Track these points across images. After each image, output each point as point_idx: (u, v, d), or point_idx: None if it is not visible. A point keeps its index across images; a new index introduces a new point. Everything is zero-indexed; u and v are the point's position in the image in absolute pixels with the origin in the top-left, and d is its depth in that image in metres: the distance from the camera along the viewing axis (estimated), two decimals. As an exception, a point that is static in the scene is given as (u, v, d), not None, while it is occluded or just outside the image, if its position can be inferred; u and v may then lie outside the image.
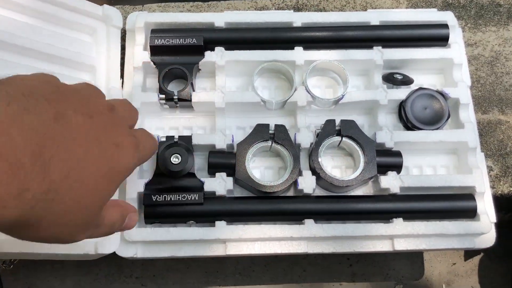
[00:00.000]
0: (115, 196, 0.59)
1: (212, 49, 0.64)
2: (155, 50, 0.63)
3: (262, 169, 0.63)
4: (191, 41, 0.63)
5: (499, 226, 0.60)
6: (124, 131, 0.37)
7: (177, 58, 0.64)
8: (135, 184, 0.58)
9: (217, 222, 0.57)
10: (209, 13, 0.66)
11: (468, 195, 0.60)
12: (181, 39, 0.63)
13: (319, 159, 0.60)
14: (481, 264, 0.86)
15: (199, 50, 0.64)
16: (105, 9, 0.66)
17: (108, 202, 0.35)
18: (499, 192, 0.65)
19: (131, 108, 0.44)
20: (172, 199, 0.56)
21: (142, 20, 0.65)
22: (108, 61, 0.65)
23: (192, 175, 0.58)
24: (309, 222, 0.57)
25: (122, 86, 0.65)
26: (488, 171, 0.66)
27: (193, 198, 0.56)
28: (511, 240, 0.67)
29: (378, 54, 0.65)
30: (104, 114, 0.35)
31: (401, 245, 0.58)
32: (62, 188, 0.28)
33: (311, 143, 0.61)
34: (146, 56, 0.63)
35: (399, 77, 0.65)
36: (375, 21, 0.66)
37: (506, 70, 0.71)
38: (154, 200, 0.56)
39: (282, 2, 0.73)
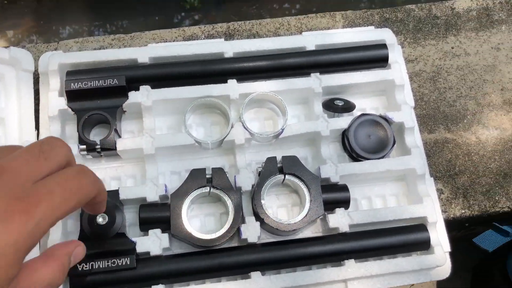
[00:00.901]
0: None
1: (137, 89, 0.58)
2: (72, 95, 0.57)
3: (202, 217, 0.58)
4: (112, 82, 0.57)
5: (453, 241, 0.58)
6: (5, 194, 0.30)
7: (98, 102, 0.58)
8: (58, 251, 0.51)
9: (153, 287, 0.51)
10: (131, 49, 0.60)
11: (421, 226, 0.57)
12: (100, 81, 0.57)
13: (262, 202, 0.55)
14: (438, 282, 0.84)
15: (122, 91, 0.58)
16: (13, 51, 0.59)
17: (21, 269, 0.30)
18: (451, 215, 0.63)
19: (44, 149, 0.34)
20: (101, 266, 0.50)
21: (55, 61, 0.58)
22: (19, 110, 0.58)
23: (122, 235, 0.52)
24: (255, 275, 0.53)
25: (37, 138, 0.58)
26: (438, 195, 0.63)
27: (124, 263, 0.50)
28: (466, 255, 0.64)
29: (316, 82, 0.61)
30: None
31: (356, 288, 0.54)
32: None
33: (253, 185, 0.56)
34: (62, 102, 0.57)
35: (340, 103, 0.62)
36: (310, 46, 0.62)
37: (449, 84, 0.69)
38: (80, 269, 0.50)
39: (212, 28, 0.68)
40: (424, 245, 0.56)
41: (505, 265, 0.64)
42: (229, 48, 0.61)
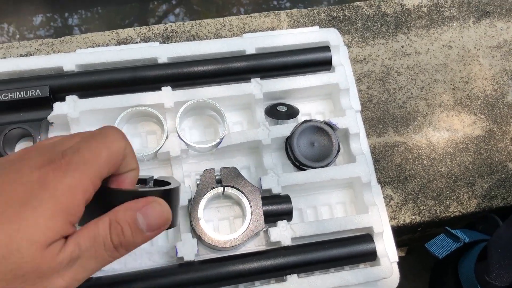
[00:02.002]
0: None
1: (63, 99, 0.54)
2: (-9, 108, 0.53)
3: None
4: (34, 93, 0.53)
5: (411, 241, 0.56)
6: None
7: (21, 115, 0.53)
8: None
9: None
10: (56, 55, 0.56)
11: (366, 236, 0.55)
12: (22, 92, 0.53)
13: (199, 217, 0.52)
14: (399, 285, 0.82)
15: (46, 102, 0.54)
16: None
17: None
18: (401, 222, 0.61)
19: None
20: None
21: (-28, 71, 0.54)
22: None
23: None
24: (191, 296, 0.50)
25: (-47, 156, 0.53)
26: (388, 201, 0.61)
27: None
28: (424, 255, 0.63)
29: (257, 87, 0.58)
30: None
31: (299, 305, 0.52)
32: None
33: (190, 199, 0.53)
34: (-20, 116, 0.53)
35: (283, 109, 0.59)
36: (251, 49, 0.59)
37: (399, 85, 0.67)
38: None
39: (148, 31, 0.64)
40: (371, 256, 0.54)
41: (457, 270, 0.62)
42: (162, 53, 0.58)
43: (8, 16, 1.33)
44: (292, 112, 0.59)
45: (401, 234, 0.67)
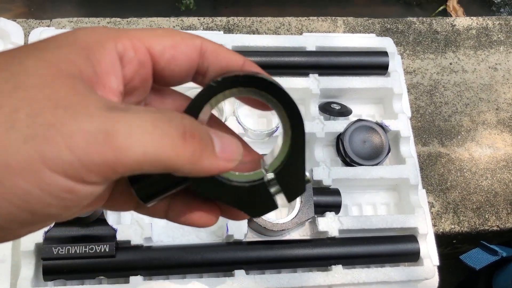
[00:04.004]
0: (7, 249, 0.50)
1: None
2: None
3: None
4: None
5: (439, 256, 0.57)
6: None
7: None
8: (33, 232, 0.48)
9: (131, 278, 0.48)
10: (127, 32, 0.58)
11: (411, 237, 0.56)
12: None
13: (251, 200, 0.53)
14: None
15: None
16: (2, 22, 0.57)
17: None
18: (441, 230, 0.62)
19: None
20: (78, 251, 0.47)
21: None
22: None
23: (103, 221, 0.50)
24: (239, 273, 0.51)
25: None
26: (429, 208, 0.62)
27: (103, 250, 0.48)
28: (451, 274, 0.63)
29: (315, 83, 0.60)
30: None
31: (341, 295, 0.52)
32: None
33: (242, 181, 0.54)
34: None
35: (337, 107, 0.61)
36: (311, 47, 0.61)
37: (445, 99, 0.69)
38: (55, 253, 0.47)
39: (211, 21, 0.67)
40: (414, 257, 0.55)
41: (490, 284, 0.63)
42: (229, 41, 0.60)
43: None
44: (345, 111, 0.61)
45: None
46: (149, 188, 0.23)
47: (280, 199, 0.25)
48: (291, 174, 0.25)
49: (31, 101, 0.19)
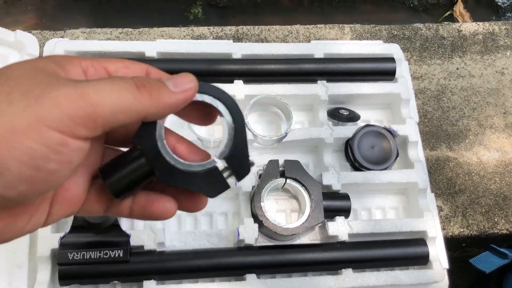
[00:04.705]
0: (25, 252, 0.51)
1: (142, 82, 0.58)
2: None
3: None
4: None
5: (449, 260, 0.57)
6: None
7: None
8: (48, 239, 0.49)
9: (145, 282, 0.49)
10: (139, 42, 0.60)
11: (420, 240, 0.56)
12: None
13: (262, 205, 0.54)
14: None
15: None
16: (19, 34, 0.58)
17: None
18: (450, 234, 0.62)
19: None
20: (92, 256, 0.48)
21: (61, 48, 0.57)
22: (20, 94, 0.57)
23: (116, 227, 0.51)
24: (251, 277, 0.51)
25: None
26: (438, 212, 0.63)
27: (117, 255, 0.49)
28: (460, 277, 0.63)
29: (323, 89, 0.60)
30: None
31: (351, 299, 0.53)
32: None
33: (253, 186, 0.55)
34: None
35: (345, 113, 0.61)
36: (319, 54, 0.62)
37: (452, 104, 0.69)
38: (70, 258, 0.48)
39: (221, 31, 0.68)
40: (423, 260, 0.55)
41: (500, 286, 0.63)
42: (238, 49, 0.61)
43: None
44: (353, 116, 0.61)
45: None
46: (120, 182, 0.29)
47: (231, 180, 0.30)
48: (238, 158, 0.30)
49: (20, 85, 0.24)
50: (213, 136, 0.59)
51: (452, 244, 0.65)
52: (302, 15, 1.54)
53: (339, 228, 0.55)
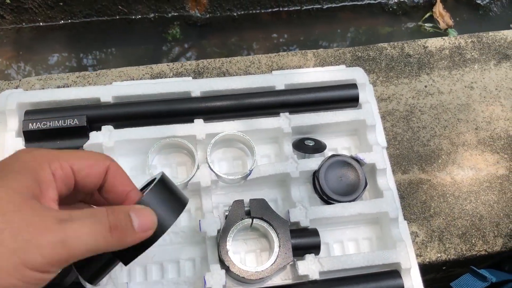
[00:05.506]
0: None
1: (99, 129, 0.56)
2: (29, 136, 0.54)
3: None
4: (72, 122, 0.55)
5: (434, 281, 0.56)
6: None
7: (58, 143, 0.55)
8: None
9: None
10: (93, 87, 0.58)
11: (394, 273, 0.55)
12: (60, 121, 0.55)
13: (227, 249, 0.52)
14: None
15: (82, 132, 0.55)
16: (-31, 89, 0.57)
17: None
18: (427, 260, 0.60)
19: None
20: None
21: (14, 100, 0.56)
22: (-27, 151, 0.55)
23: (78, 284, 0.49)
24: (219, 327, 0.50)
25: (-9, 181, 0.55)
26: (413, 238, 0.61)
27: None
28: (446, 296, 0.62)
29: (286, 121, 0.59)
30: None
31: None
32: None
33: (219, 230, 0.54)
34: (20, 143, 0.54)
35: (311, 143, 0.60)
36: (280, 85, 0.61)
37: (422, 124, 0.68)
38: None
39: (181, 66, 0.66)
40: (398, 293, 0.54)
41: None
42: (197, 87, 0.60)
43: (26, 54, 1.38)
44: (319, 147, 0.60)
45: (424, 273, 0.67)
46: (92, 271, 0.37)
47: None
48: None
49: (11, 223, 0.30)
50: (175, 179, 0.57)
51: (433, 268, 0.64)
52: (281, 28, 1.54)
53: (309, 267, 0.53)
